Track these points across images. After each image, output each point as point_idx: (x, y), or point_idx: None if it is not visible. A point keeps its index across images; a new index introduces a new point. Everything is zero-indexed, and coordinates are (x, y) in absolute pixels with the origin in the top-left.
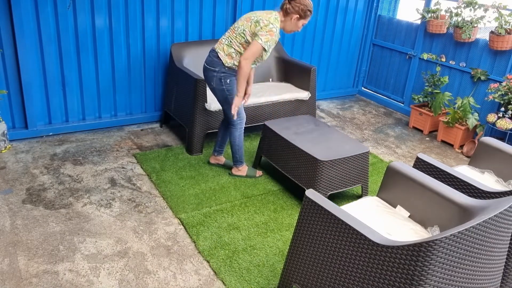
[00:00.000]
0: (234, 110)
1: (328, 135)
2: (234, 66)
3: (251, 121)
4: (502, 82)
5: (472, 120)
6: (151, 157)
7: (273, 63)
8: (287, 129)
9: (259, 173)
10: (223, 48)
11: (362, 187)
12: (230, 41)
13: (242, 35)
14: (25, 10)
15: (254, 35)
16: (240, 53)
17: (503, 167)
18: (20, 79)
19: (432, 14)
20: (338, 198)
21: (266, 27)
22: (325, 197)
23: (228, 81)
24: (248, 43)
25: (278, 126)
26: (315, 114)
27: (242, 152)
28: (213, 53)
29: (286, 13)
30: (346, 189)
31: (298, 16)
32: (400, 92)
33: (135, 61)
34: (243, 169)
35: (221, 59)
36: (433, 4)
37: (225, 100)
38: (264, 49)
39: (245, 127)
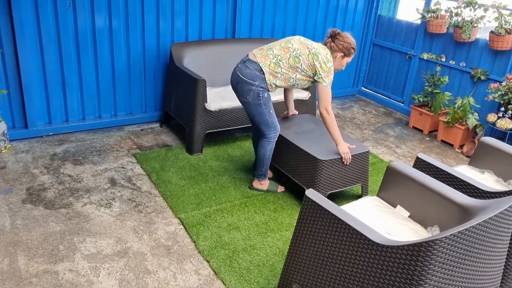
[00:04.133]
0: (345, 159)
1: (328, 134)
2: (273, 85)
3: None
4: (502, 82)
5: (472, 120)
6: (151, 157)
7: None
8: (287, 129)
9: (281, 188)
10: (270, 65)
11: (362, 187)
12: (280, 60)
13: (297, 59)
14: (25, 10)
15: (312, 68)
16: (286, 76)
17: (503, 167)
18: (20, 79)
19: (432, 14)
20: (338, 198)
21: (326, 65)
22: (325, 196)
23: (265, 95)
24: (301, 71)
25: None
26: (315, 114)
27: (268, 166)
28: (254, 66)
29: (330, 51)
30: (346, 188)
31: (342, 54)
32: (400, 92)
33: (135, 61)
34: (265, 183)
35: (265, 74)
36: (433, 4)
37: (261, 114)
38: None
39: (244, 127)
